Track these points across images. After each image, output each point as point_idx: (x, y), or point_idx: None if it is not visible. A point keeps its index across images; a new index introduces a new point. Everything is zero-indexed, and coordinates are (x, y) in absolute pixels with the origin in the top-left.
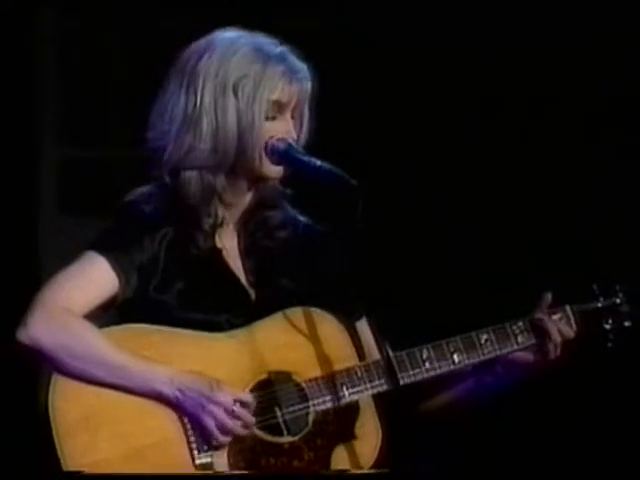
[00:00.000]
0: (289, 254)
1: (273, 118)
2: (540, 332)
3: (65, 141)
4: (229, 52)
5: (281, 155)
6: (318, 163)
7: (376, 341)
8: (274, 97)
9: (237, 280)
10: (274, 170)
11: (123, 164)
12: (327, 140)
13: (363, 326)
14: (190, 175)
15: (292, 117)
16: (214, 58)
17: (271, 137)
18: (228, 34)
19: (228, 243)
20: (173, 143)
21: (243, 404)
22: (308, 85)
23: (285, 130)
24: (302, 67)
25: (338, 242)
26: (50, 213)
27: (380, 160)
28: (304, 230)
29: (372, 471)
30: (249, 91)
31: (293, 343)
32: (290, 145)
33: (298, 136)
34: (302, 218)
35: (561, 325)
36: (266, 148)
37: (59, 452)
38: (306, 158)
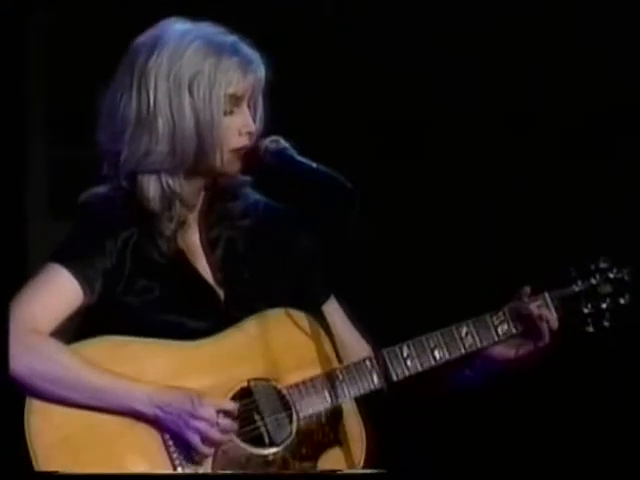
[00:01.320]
0: (253, 241)
1: (231, 112)
2: (523, 320)
3: (55, 140)
4: (180, 48)
5: (275, 157)
6: (314, 165)
7: (367, 341)
8: (230, 91)
9: (203, 280)
10: (236, 165)
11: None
12: (320, 141)
13: (330, 308)
14: (148, 179)
15: (247, 106)
16: (164, 55)
17: (264, 138)
18: (177, 27)
19: (190, 242)
20: (128, 146)
21: (226, 413)
22: (262, 74)
23: (244, 123)
24: (255, 56)
25: (302, 219)
26: (39, 217)
27: (363, 153)
28: (265, 212)
29: (370, 471)
30: (205, 88)
31: (270, 348)
32: (285, 147)
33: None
34: (260, 198)
35: (543, 311)
36: (259, 150)
37: None
38: (302, 160)
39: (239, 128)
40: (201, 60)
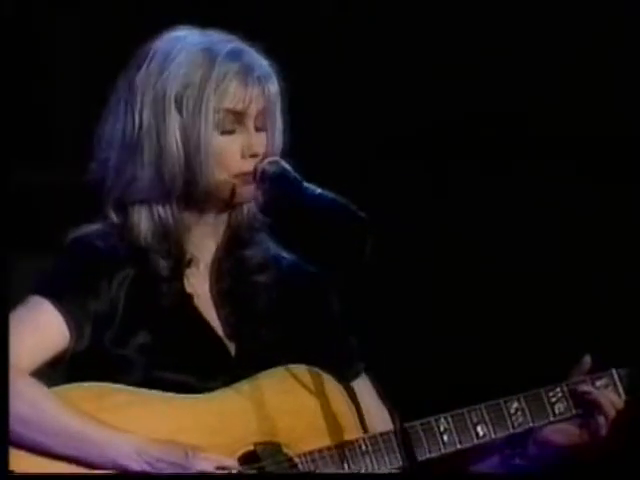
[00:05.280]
0: (272, 300)
1: (231, 131)
2: (584, 403)
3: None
4: (169, 58)
5: (273, 181)
6: (318, 191)
7: (389, 410)
8: (225, 105)
9: (213, 332)
10: (244, 192)
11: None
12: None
13: (361, 387)
14: (138, 209)
15: (257, 128)
16: (152, 67)
17: (262, 160)
18: (173, 34)
19: (200, 288)
20: (114, 174)
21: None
22: (272, 86)
23: (248, 144)
24: (262, 65)
25: (331, 285)
26: None
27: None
28: (289, 270)
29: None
30: (193, 102)
31: (285, 408)
32: (284, 169)
33: (268, 151)
34: (287, 255)
35: (610, 394)
36: (255, 173)
37: None
38: (304, 185)
39: (242, 150)
40: (192, 70)
